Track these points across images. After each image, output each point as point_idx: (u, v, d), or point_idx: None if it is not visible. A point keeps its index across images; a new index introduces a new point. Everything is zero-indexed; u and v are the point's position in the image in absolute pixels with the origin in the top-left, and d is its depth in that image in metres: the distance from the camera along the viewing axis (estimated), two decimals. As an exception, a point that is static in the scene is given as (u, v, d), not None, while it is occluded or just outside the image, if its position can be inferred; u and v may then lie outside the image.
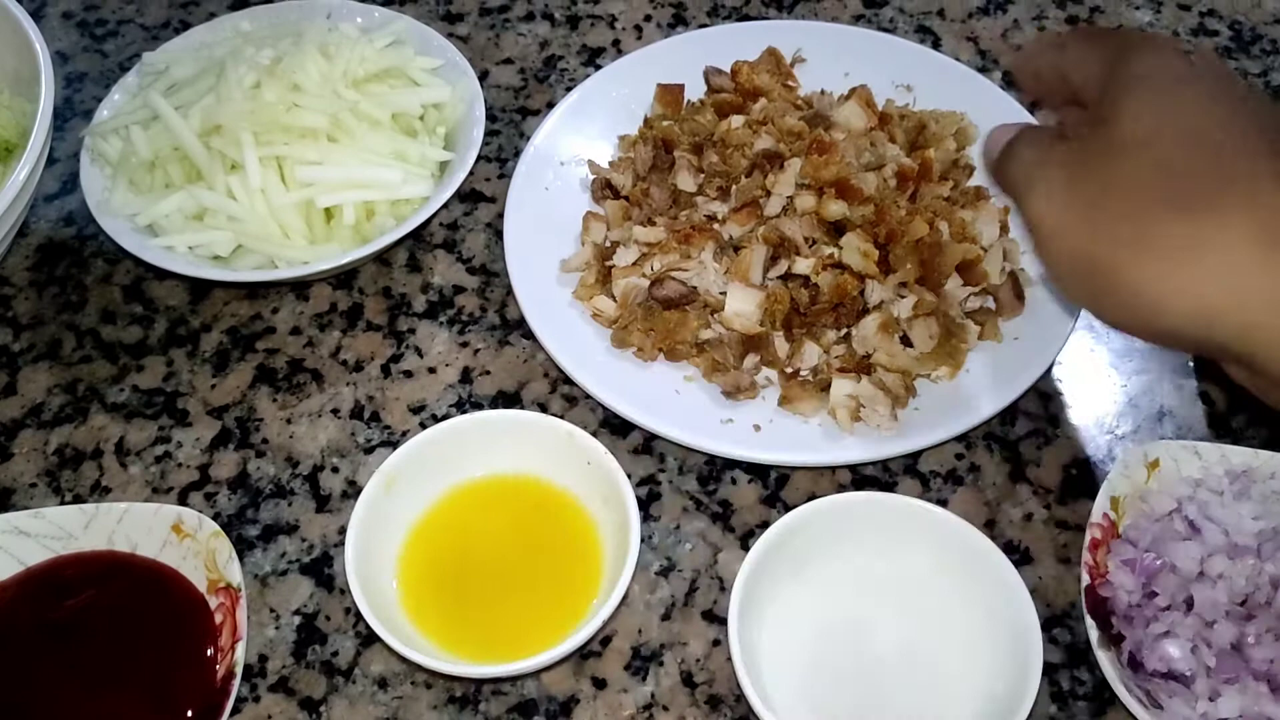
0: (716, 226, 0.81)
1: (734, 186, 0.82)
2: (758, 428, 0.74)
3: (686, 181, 0.83)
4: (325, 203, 0.78)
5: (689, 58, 0.93)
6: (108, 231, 0.78)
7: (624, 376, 0.77)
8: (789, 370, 0.77)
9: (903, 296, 0.76)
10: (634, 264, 0.80)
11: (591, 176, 0.87)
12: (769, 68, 0.92)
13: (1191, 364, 0.80)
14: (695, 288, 0.78)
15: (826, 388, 0.74)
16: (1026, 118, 0.84)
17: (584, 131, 0.90)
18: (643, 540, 0.71)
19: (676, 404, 0.75)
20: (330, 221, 0.81)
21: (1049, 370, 0.76)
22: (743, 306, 0.76)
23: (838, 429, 0.73)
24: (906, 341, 0.75)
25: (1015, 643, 0.62)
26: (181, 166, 0.80)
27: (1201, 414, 0.77)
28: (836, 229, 0.78)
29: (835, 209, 0.78)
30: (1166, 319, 0.49)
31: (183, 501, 0.74)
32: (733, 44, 0.93)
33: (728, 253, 0.79)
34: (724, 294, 0.77)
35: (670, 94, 0.91)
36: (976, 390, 0.75)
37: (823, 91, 0.90)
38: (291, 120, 0.78)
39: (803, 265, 0.77)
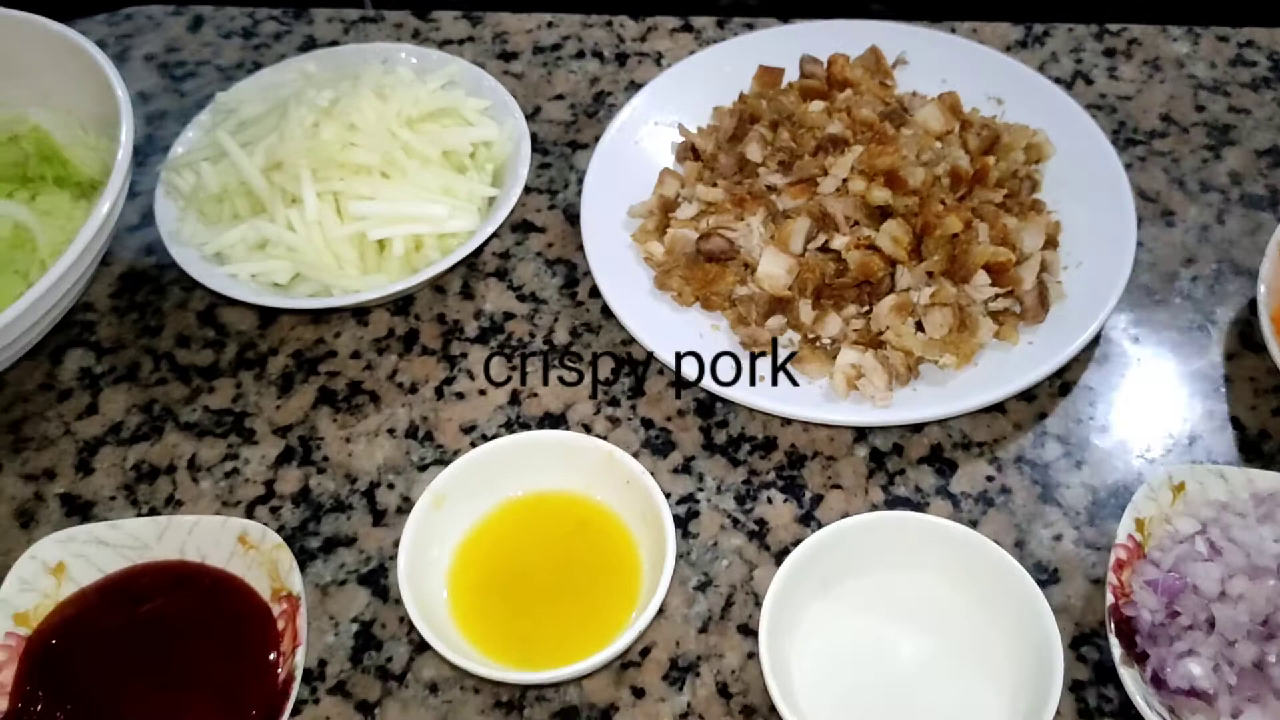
0: (772, 197, 0.86)
1: (796, 163, 0.88)
2: (762, 378, 0.80)
3: (754, 152, 0.89)
4: (376, 235, 0.83)
5: (797, 47, 0.98)
6: (177, 261, 0.84)
7: (657, 316, 0.83)
8: (811, 336, 0.82)
9: (929, 285, 0.80)
10: (691, 219, 0.87)
11: (680, 139, 0.94)
12: (868, 65, 0.97)
13: (1223, 389, 0.81)
14: (739, 247, 0.84)
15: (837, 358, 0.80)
16: (1097, 134, 0.90)
17: (683, 100, 0.97)
18: (681, 556, 0.75)
19: (698, 346, 0.81)
20: (382, 253, 0.85)
21: (1070, 388, 0.81)
22: (774, 270, 0.81)
23: (835, 394, 0.79)
24: (922, 328, 0.80)
25: (1038, 658, 0.64)
26: (246, 200, 0.85)
27: (1232, 439, 0.79)
28: (882, 215, 0.83)
29: (879, 195, 0.83)
30: None
31: (249, 514, 0.79)
32: (841, 41, 0.97)
33: (776, 221, 0.85)
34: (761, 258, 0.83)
35: (769, 75, 0.97)
36: (977, 383, 0.78)
37: (915, 93, 0.95)
38: (347, 158, 0.83)
39: (839, 241, 0.82)
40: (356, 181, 0.83)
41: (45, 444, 0.83)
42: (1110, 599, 0.67)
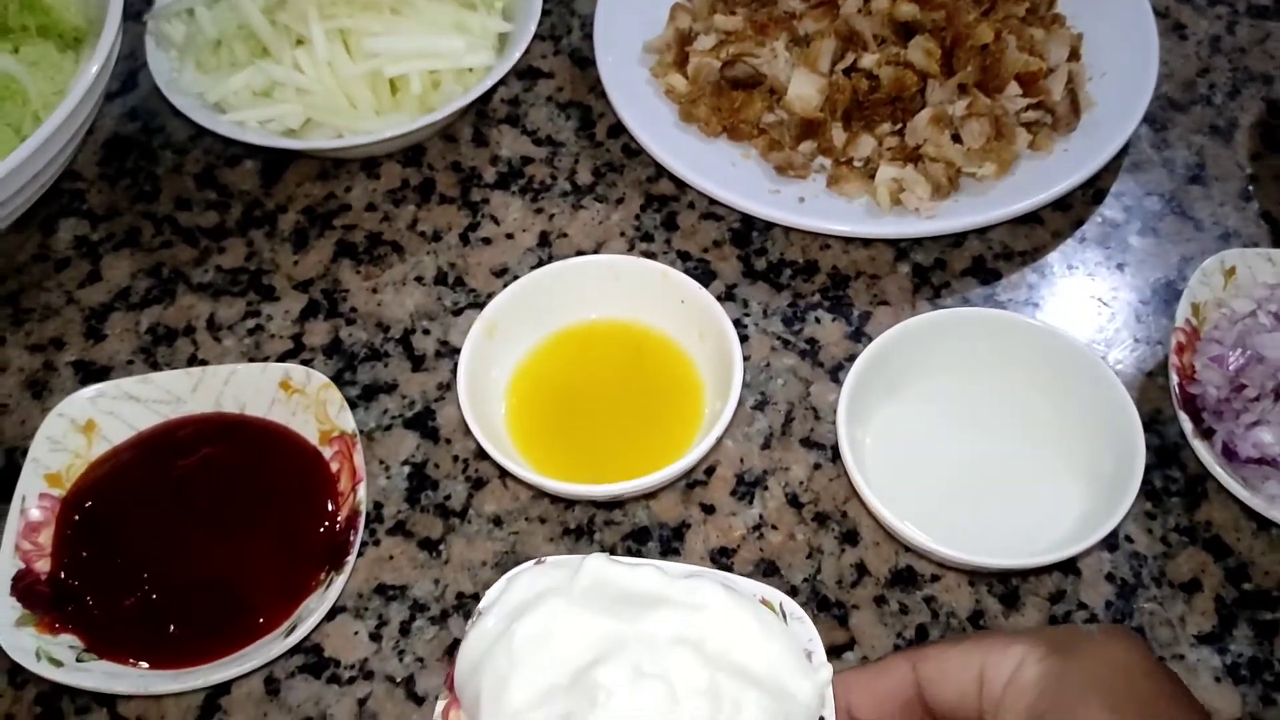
0: (793, 22, 0.85)
1: None
2: (802, 200, 0.79)
3: None
4: (392, 72, 0.79)
5: None
6: (180, 109, 0.79)
7: (687, 146, 0.82)
8: (843, 160, 0.81)
9: (962, 98, 0.80)
10: (711, 49, 0.85)
11: None
12: None
13: (1251, 188, 0.82)
14: (764, 72, 0.82)
15: (874, 176, 0.79)
16: None
17: None
18: (735, 378, 0.73)
19: (731, 173, 0.80)
20: (396, 94, 0.82)
21: (1103, 195, 0.81)
22: (805, 90, 0.80)
23: (879, 209, 0.78)
24: (958, 140, 0.79)
25: (1114, 437, 0.64)
26: (247, 45, 0.81)
27: (1266, 232, 0.80)
28: (907, 33, 0.82)
29: (907, 9, 0.82)
30: None
31: (279, 369, 0.76)
32: None
33: (800, 45, 0.84)
34: (790, 80, 0.81)
35: None
36: (1018, 190, 0.78)
37: None
38: (355, -8, 0.78)
39: (868, 60, 0.81)
40: (365, 18, 0.79)
41: (49, 314, 0.79)
42: (1175, 379, 0.68)
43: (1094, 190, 0.82)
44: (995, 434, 0.68)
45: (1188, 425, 0.66)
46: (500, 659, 0.49)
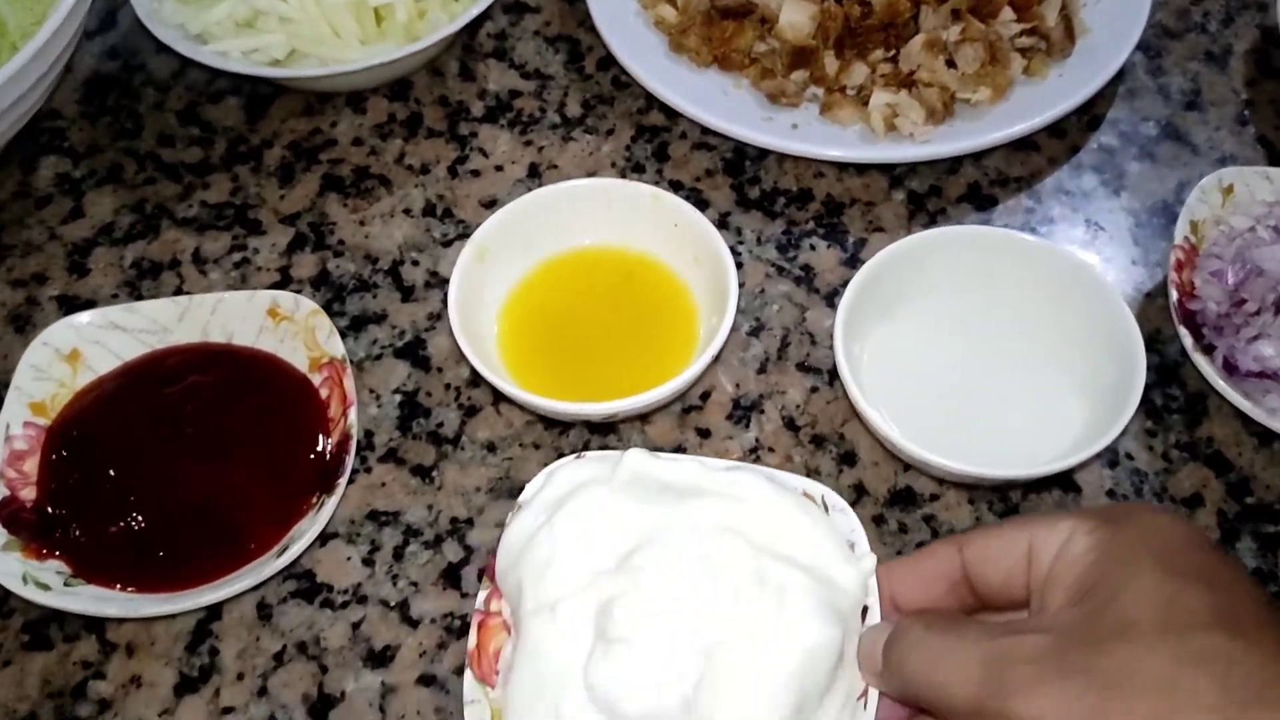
0: None
1: None
2: (795, 126, 0.78)
3: None
4: (376, 1, 0.78)
5: None
6: (162, 40, 0.77)
7: (678, 77, 0.81)
8: (836, 88, 0.80)
9: (956, 24, 0.79)
10: None
11: None
12: None
13: (1246, 113, 0.81)
14: (755, 1, 0.82)
15: (868, 103, 0.78)
16: None
17: None
18: (730, 304, 0.72)
19: (723, 101, 0.80)
20: (381, 24, 0.80)
21: (1099, 121, 0.80)
22: (797, 18, 0.80)
23: (873, 135, 0.77)
24: (952, 66, 0.79)
25: (1113, 338, 0.63)
26: (229, -24, 0.79)
27: (1262, 155, 0.79)
28: None
29: None
30: None
31: (267, 302, 0.74)
32: None
33: None
34: (781, 8, 0.80)
35: None
36: (1013, 116, 0.77)
37: None
38: (338, -82, 0.77)
39: None
40: (349, -55, 0.78)
41: (30, 249, 0.77)
42: (1174, 295, 0.67)
43: (1089, 117, 0.81)
44: (994, 351, 0.67)
45: (1188, 340, 0.65)
46: (543, 547, 0.49)
